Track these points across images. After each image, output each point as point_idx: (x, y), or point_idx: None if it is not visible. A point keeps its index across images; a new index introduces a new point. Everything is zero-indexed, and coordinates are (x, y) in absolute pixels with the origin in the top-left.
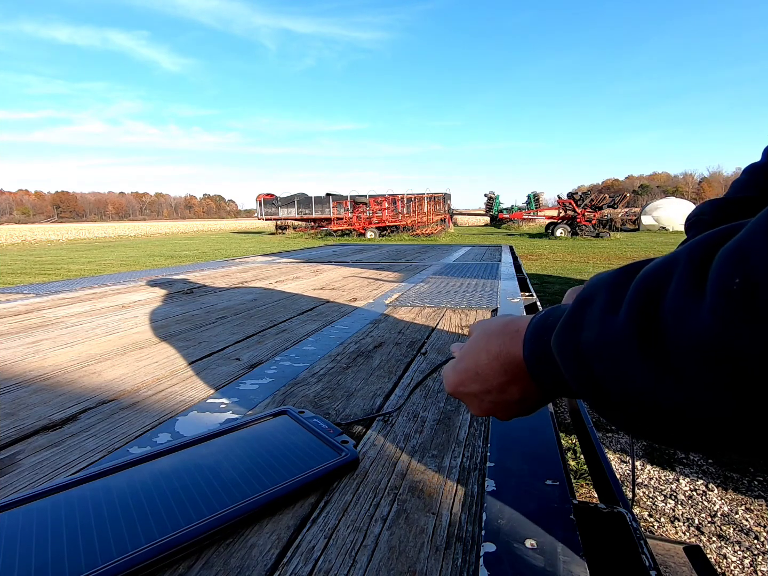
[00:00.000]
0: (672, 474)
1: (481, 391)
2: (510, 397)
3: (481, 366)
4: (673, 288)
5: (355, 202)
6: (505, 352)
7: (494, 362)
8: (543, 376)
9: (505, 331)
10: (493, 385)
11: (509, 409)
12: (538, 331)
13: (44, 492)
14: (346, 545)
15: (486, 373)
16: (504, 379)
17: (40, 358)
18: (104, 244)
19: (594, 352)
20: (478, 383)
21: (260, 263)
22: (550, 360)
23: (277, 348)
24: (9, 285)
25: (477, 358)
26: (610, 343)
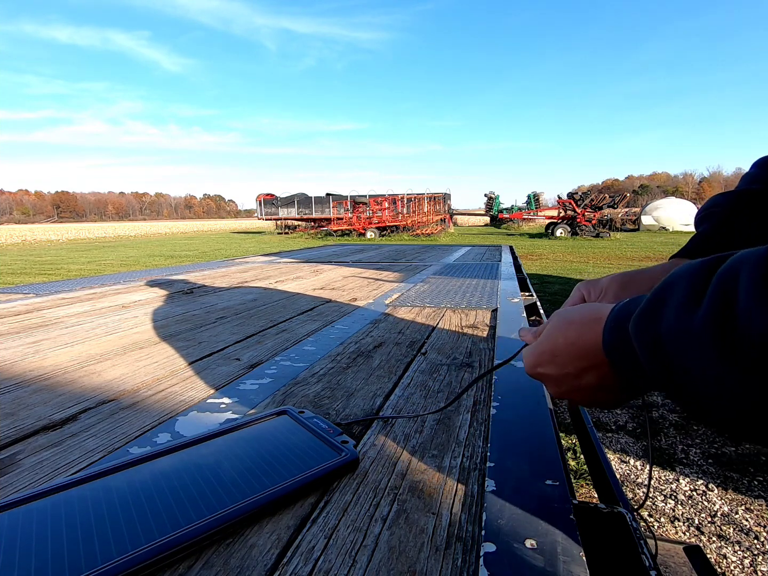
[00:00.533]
0: (672, 474)
1: (559, 375)
2: (587, 383)
3: (559, 349)
4: (743, 288)
5: (355, 202)
6: (584, 338)
7: (572, 347)
8: (621, 363)
9: (585, 319)
10: (569, 369)
11: (588, 395)
12: (619, 319)
13: (44, 492)
14: (346, 545)
15: (563, 356)
16: (581, 364)
17: (40, 358)
18: (104, 244)
19: (672, 342)
20: (555, 366)
21: (260, 263)
22: (629, 347)
23: (277, 348)
24: (9, 285)
25: (555, 342)
26: (689, 335)
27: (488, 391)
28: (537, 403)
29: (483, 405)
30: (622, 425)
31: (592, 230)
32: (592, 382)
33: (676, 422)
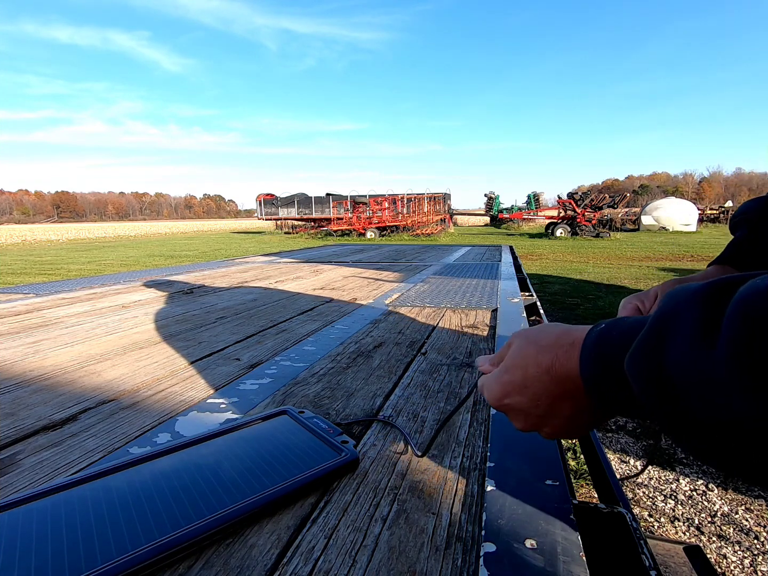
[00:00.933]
0: (672, 474)
1: (529, 406)
2: (560, 412)
3: (530, 379)
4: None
5: (355, 202)
6: (558, 365)
7: (545, 376)
8: (604, 395)
9: (558, 343)
10: (542, 400)
11: (559, 426)
12: (599, 347)
13: (44, 492)
14: (346, 545)
15: (535, 386)
16: (555, 393)
17: (40, 358)
18: (104, 244)
19: (684, 379)
20: (525, 397)
21: (260, 263)
22: (613, 378)
23: (277, 348)
24: (9, 285)
25: (525, 371)
26: (706, 374)
27: None
28: None
29: (483, 405)
30: (622, 425)
31: (592, 230)
32: (566, 412)
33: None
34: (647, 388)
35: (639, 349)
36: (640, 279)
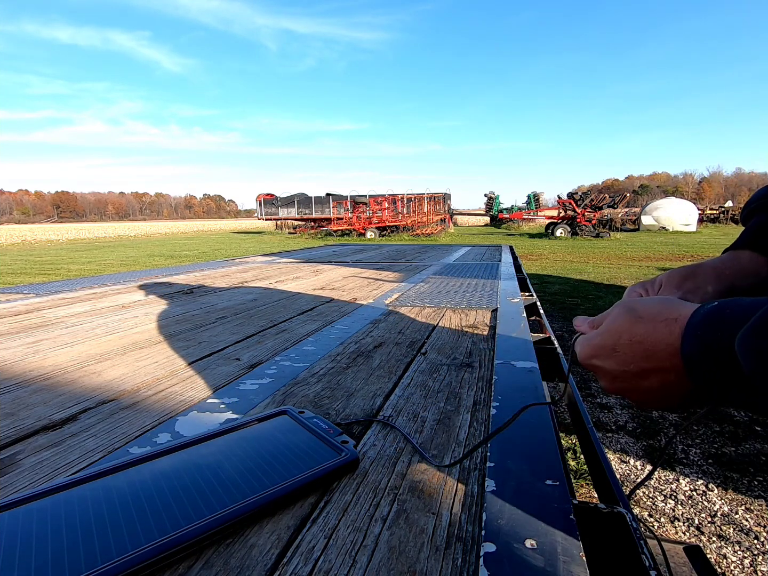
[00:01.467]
0: (672, 474)
1: (615, 370)
2: (648, 385)
3: (622, 345)
4: None
5: (355, 202)
6: (653, 338)
7: (637, 346)
8: (706, 374)
9: (659, 317)
10: (630, 368)
11: (646, 397)
12: (710, 324)
13: (44, 492)
14: (346, 545)
15: (625, 353)
16: (645, 365)
17: (40, 358)
18: (104, 244)
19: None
20: (613, 361)
21: (260, 263)
22: (721, 359)
23: (277, 348)
24: (9, 285)
25: (618, 337)
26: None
27: (488, 391)
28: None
29: (483, 405)
30: (622, 425)
31: (592, 230)
32: (654, 385)
33: (676, 422)
34: (763, 368)
35: (760, 326)
36: (640, 279)
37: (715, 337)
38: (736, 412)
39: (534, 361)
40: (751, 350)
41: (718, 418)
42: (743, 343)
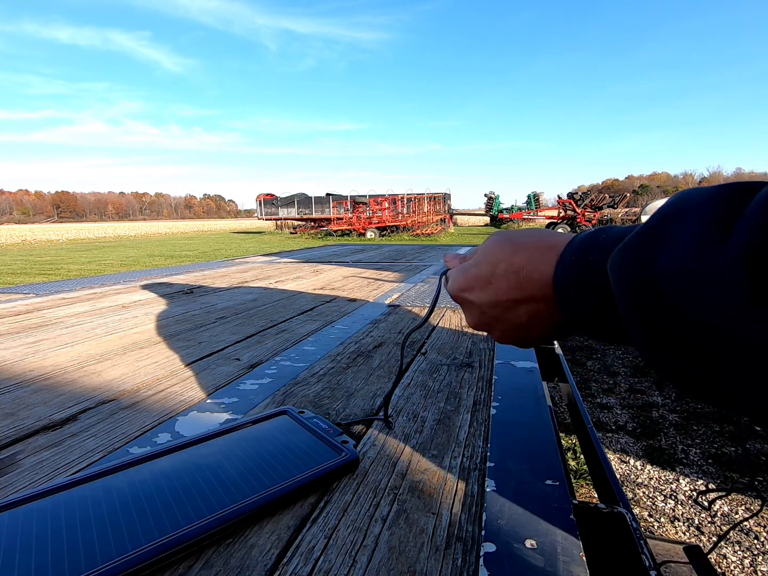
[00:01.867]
0: (672, 474)
1: (487, 303)
2: (516, 318)
3: (497, 276)
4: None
5: (355, 202)
6: (530, 266)
7: (512, 275)
8: (575, 302)
9: (537, 245)
10: (502, 299)
11: (511, 331)
12: (582, 250)
13: (44, 492)
14: (346, 545)
15: (500, 284)
16: (517, 295)
17: (40, 358)
18: (104, 244)
19: (676, 279)
20: (486, 293)
21: (260, 263)
22: (590, 284)
23: (277, 348)
24: (9, 285)
25: (494, 267)
26: (706, 273)
27: (488, 391)
28: (537, 403)
29: (483, 405)
30: (622, 425)
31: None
32: (522, 318)
33: (676, 422)
34: (629, 288)
35: (630, 246)
36: None
37: (587, 261)
38: None
39: (534, 361)
40: (620, 266)
41: (718, 418)
42: (613, 262)
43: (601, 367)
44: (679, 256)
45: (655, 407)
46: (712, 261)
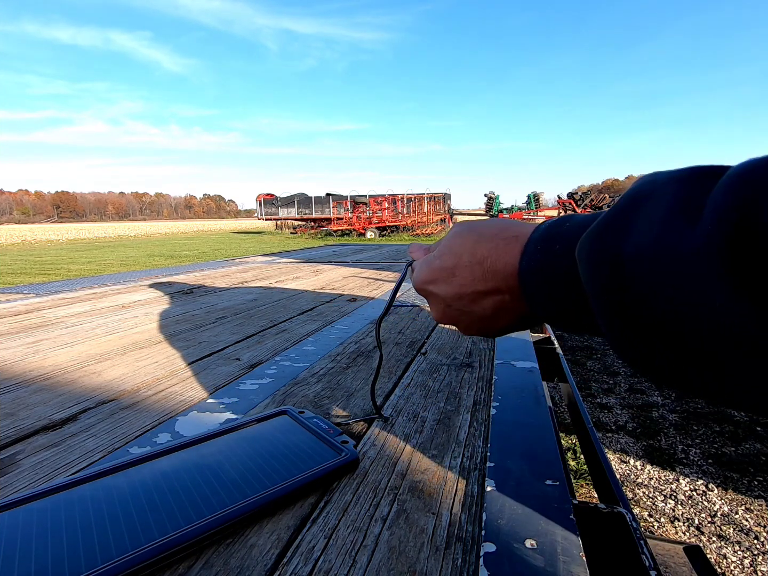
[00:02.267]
0: (672, 474)
1: (452, 295)
2: (480, 310)
3: (461, 267)
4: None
5: (355, 202)
6: (494, 257)
7: (476, 267)
8: (541, 292)
9: (500, 235)
10: (467, 291)
11: (474, 324)
12: (547, 239)
13: (44, 492)
14: (346, 545)
15: (464, 276)
16: (482, 287)
17: (40, 358)
18: (104, 244)
19: (645, 263)
20: (451, 286)
21: (260, 263)
22: (557, 274)
23: (277, 348)
24: (9, 285)
25: (458, 258)
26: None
27: (488, 391)
28: (537, 403)
29: (483, 405)
30: (622, 425)
31: None
32: (488, 310)
33: (676, 422)
34: (597, 275)
35: (598, 231)
36: None
37: (553, 249)
38: (736, 412)
39: (534, 361)
40: (588, 253)
41: (719, 419)
42: (582, 247)
43: (601, 367)
44: (647, 241)
45: (655, 407)
46: (683, 245)
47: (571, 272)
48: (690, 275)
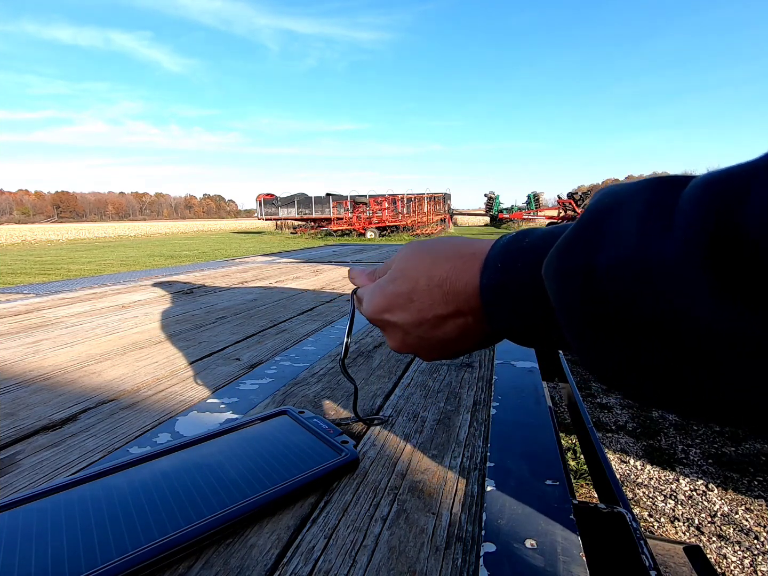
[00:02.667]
0: (672, 474)
1: (411, 323)
2: (443, 334)
3: (418, 292)
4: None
5: (355, 202)
6: (453, 278)
7: (435, 290)
8: (503, 309)
9: (458, 254)
10: (427, 317)
11: (436, 349)
12: (507, 255)
13: (44, 492)
14: (346, 545)
15: (422, 300)
16: (442, 311)
17: (40, 358)
18: (104, 244)
19: (625, 273)
20: (408, 313)
21: (260, 263)
22: (519, 290)
23: (277, 348)
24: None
25: (415, 283)
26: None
27: (488, 391)
28: (537, 402)
29: (483, 405)
30: (622, 425)
31: None
32: (451, 334)
33: (676, 422)
34: (569, 293)
35: (566, 246)
36: None
37: (515, 267)
38: None
39: (534, 360)
40: (558, 270)
41: None
42: (549, 265)
43: None
44: (624, 252)
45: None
46: (665, 252)
47: (535, 287)
48: (675, 281)
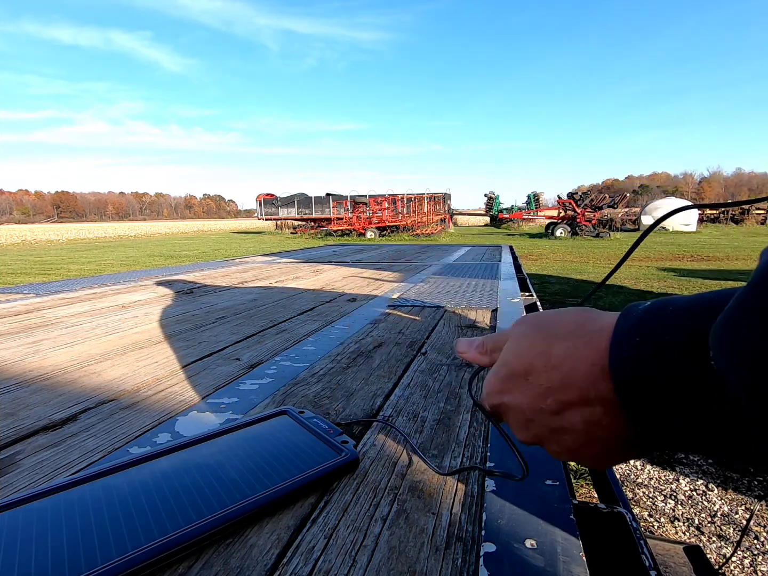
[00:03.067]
0: (672, 474)
1: (530, 409)
2: (569, 426)
3: (536, 374)
4: None
5: (355, 202)
6: (574, 359)
7: (554, 372)
8: (646, 395)
9: (579, 331)
10: (547, 404)
11: (565, 444)
12: (646, 327)
13: (44, 492)
14: (346, 545)
15: (540, 384)
16: (564, 397)
17: (40, 358)
18: (104, 244)
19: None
20: (525, 394)
21: (260, 263)
22: (671, 373)
23: (277, 348)
24: (9, 285)
25: (530, 362)
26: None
27: None
28: None
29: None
30: None
31: (592, 230)
32: (576, 425)
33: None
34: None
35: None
36: (640, 279)
37: (661, 340)
38: None
39: None
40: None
41: None
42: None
43: None
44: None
45: None
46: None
47: (695, 369)
48: None
